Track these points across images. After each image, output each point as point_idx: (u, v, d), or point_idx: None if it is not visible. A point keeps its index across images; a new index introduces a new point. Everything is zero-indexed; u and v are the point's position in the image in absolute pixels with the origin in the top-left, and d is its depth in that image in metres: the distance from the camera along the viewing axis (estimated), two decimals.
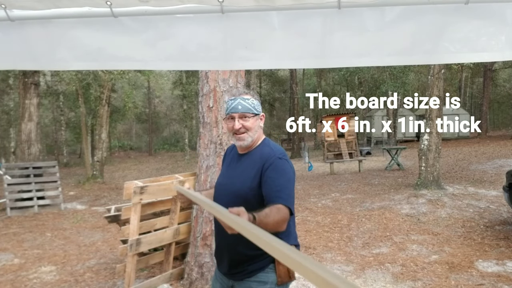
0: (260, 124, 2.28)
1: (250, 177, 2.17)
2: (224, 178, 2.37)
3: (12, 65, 2.18)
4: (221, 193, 2.28)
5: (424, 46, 1.88)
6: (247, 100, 2.18)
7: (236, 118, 2.16)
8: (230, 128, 2.21)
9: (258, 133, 2.26)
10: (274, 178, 2.11)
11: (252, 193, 2.13)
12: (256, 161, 2.19)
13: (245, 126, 2.18)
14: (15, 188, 10.52)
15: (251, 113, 2.18)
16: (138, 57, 2.03)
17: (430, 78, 10.81)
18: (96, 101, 17.67)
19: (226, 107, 2.21)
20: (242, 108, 2.15)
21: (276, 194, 2.07)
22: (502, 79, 39.02)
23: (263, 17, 1.90)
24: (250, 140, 2.21)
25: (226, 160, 2.47)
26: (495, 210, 8.12)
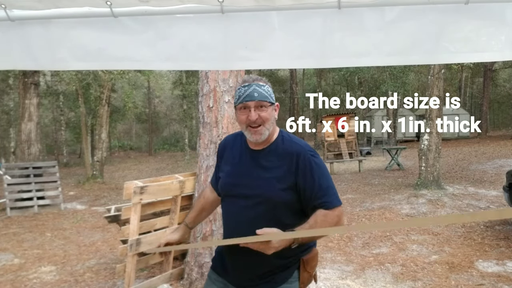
0: (275, 115, 1.98)
1: (277, 177, 1.86)
2: (236, 178, 1.99)
3: (12, 65, 2.18)
4: (237, 196, 1.94)
5: (424, 46, 1.88)
6: (263, 87, 1.88)
7: (251, 107, 1.85)
8: (244, 120, 1.88)
9: (274, 125, 1.96)
10: (315, 180, 1.85)
11: (280, 196, 1.84)
12: (283, 159, 1.90)
13: (262, 117, 1.85)
14: (15, 188, 10.52)
15: (268, 102, 1.88)
16: (138, 57, 2.03)
17: (430, 78, 10.81)
18: (96, 101, 17.65)
19: (238, 95, 1.88)
20: (258, 95, 1.84)
21: (323, 199, 1.83)
22: (502, 79, 39.02)
23: (263, 17, 1.90)
24: (267, 134, 1.90)
25: (227, 154, 2.10)
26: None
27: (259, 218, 1.81)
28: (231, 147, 2.10)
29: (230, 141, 2.15)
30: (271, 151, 1.95)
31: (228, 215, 2.01)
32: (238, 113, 1.91)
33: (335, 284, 4.80)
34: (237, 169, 2.00)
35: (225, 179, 2.04)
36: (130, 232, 4.30)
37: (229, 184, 2.01)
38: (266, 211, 1.84)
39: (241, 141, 2.06)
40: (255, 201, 1.86)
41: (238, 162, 2.01)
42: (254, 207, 1.84)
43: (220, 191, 2.08)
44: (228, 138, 2.20)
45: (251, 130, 1.88)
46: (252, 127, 1.87)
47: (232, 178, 2.01)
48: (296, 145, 1.94)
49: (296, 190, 1.85)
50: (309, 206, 1.85)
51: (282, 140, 1.97)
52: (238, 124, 1.94)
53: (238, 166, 2.00)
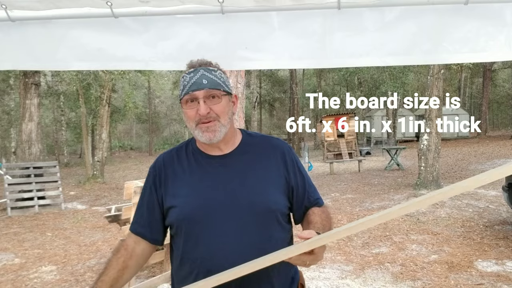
0: (233, 109, 1.56)
1: (266, 180, 1.52)
2: (205, 196, 1.48)
3: (12, 65, 2.19)
4: (212, 219, 1.44)
5: (423, 46, 1.89)
6: (213, 72, 1.48)
7: (200, 98, 1.43)
8: (192, 116, 1.46)
9: (232, 122, 1.56)
10: (304, 176, 1.62)
11: (276, 202, 1.51)
12: (265, 157, 1.56)
13: (214, 110, 1.45)
14: (15, 188, 10.54)
15: (221, 91, 1.47)
16: (139, 57, 2.03)
17: (429, 78, 10.82)
18: (97, 101, 17.68)
19: (182, 85, 1.48)
20: (208, 83, 1.44)
21: (315, 196, 1.62)
22: (501, 79, 39.04)
23: (263, 17, 1.91)
24: (224, 132, 1.48)
25: (172, 176, 1.56)
26: (494, 210, 8.13)
27: (251, 238, 1.43)
28: (173, 165, 1.59)
29: (168, 159, 1.62)
30: (245, 151, 1.58)
31: (201, 248, 1.45)
32: (185, 108, 1.48)
33: (334, 284, 4.80)
34: (201, 185, 1.50)
35: (188, 204, 1.48)
36: None
37: (197, 207, 1.47)
38: (258, 228, 1.46)
39: (189, 153, 1.60)
40: (242, 218, 1.45)
41: (199, 178, 1.52)
42: (242, 226, 1.44)
43: (181, 222, 1.49)
44: (163, 157, 1.64)
45: (201, 127, 1.46)
46: (202, 123, 1.46)
47: (199, 198, 1.48)
48: (272, 139, 1.66)
49: (287, 192, 1.56)
50: (300, 207, 1.59)
51: (251, 136, 1.64)
52: (186, 124, 1.52)
53: (200, 182, 1.51)
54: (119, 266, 1.54)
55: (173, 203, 1.52)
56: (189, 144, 1.64)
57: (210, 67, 1.51)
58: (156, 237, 1.60)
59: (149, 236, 1.59)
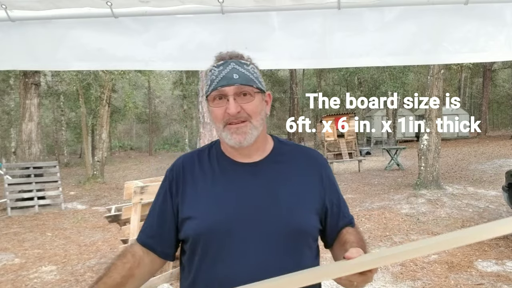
0: (267, 110, 1.37)
1: (301, 196, 1.32)
2: (229, 208, 1.28)
3: (12, 65, 2.19)
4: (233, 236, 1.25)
5: (423, 46, 1.89)
6: (245, 66, 1.30)
7: (230, 95, 1.25)
8: (220, 115, 1.27)
9: (264, 125, 1.35)
10: (339, 194, 1.44)
11: (310, 223, 1.32)
12: (300, 168, 1.37)
13: (246, 110, 1.26)
14: (15, 188, 10.54)
15: (255, 88, 1.29)
16: (139, 57, 2.03)
17: (429, 78, 10.82)
18: (97, 101, 17.69)
19: (209, 80, 1.29)
20: (240, 78, 1.25)
21: (349, 216, 1.44)
22: (501, 79, 39.04)
23: (263, 17, 1.91)
24: (255, 135, 1.29)
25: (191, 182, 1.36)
26: (494, 210, 8.13)
27: (277, 263, 1.23)
28: (194, 170, 1.38)
29: (188, 162, 1.41)
30: (276, 161, 1.37)
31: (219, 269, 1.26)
32: (211, 106, 1.29)
33: (335, 284, 4.80)
34: (225, 196, 1.30)
35: (208, 217, 1.28)
36: (130, 232, 4.31)
37: (218, 221, 1.26)
38: (286, 252, 1.26)
39: (213, 157, 1.39)
40: (269, 239, 1.25)
41: (223, 187, 1.32)
42: (268, 248, 1.25)
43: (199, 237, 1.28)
44: (182, 159, 1.44)
45: (230, 128, 1.27)
46: (232, 124, 1.27)
47: (220, 211, 1.28)
48: (308, 150, 1.47)
49: (321, 212, 1.35)
50: (334, 229, 1.40)
51: (283, 144, 1.45)
52: (213, 123, 1.34)
53: (224, 192, 1.31)
54: (125, 272, 1.32)
55: (190, 214, 1.31)
56: (213, 147, 1.43)
57: (242, 60, 1.32)
58: (166, 251, 1.40)
59: (158, 249, 1.39)
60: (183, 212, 1.33)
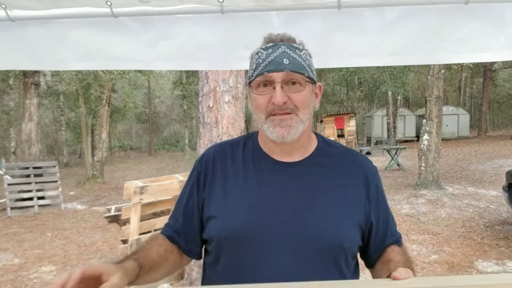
0: (315, 103, 1.22)
1: (343, 207, 1.17)
2: (260, 211, 1.14)
3: (12, 65, 2.18)
4: (279, 241, 1.10)
5: (424, 46, 1.89)
6: (297, 51, 1.15)
7: (277, 82, 1.09)
8: (262, 104, 1.12)
9: (311, 121, 1.20)
10: (388, 209, 1.29)
11: (351, 238, 1.17)
12: (345, 176, 1.21)
13: (293, 101, 1.12)
14: (15, 188, 10.53)
15: (306, 76, 1.13)
16: (138, 57, 2.03)
17: (430, 78, 10.82)
18: (96, 101, 17.68)
19: (255, 64, 1.15)
20: (290, 63, 1.10)
21: (396, 234, 1.30)
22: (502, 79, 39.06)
23: (263, 17, 1.90)
24: (301, 130, 1.14)
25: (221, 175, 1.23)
26: (495, 210, 8.13)
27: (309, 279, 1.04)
28: (225, 163, 1.24)
29: (220, 154, 1.27)
30: (319, 163, 1.22)
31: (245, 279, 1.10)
32: (254, 93, 1.14)
33: None
34: (257, 197, 1.16)
35: (236, 219, 1.15)
36: (130, 232, 4.31)
37: (247, 225, 1.13)
38: (321, 267, 1.11)
39: (247, 151, 1.26)
40: (302, 251, 1.10)
41: (256, 186, 1.18)
42: (301, 261, 1.09)
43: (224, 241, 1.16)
44: (214, 149, 1.30)
45: (274, 120, 1.12)
46: (276, 115, 1.12)
47: (251, 214, 1.14)
48: (356, 155, 1.30)
49: (363, 226, 1.21)
50: (379, 247, 1.26)
51: (329, 145, 1.29)
52: (254, 112, 1.17)
53: (256, 193, 1.17)
54: (161, 253, 1.20)
55: (216, 213, 1.18)
56: (249, 140, 1.28)
57: (294, 43, 1.17)
58: (191, 248, 1.27)
59: (183, 245, 1.27)
60: (209, 210, 1.21)
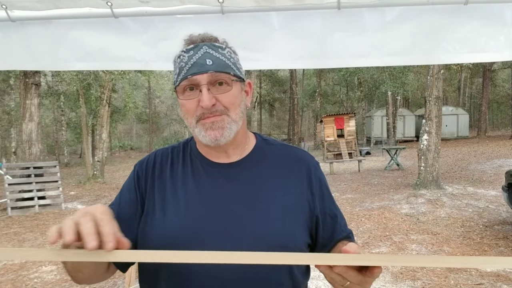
0: (247, 101, 1.18)
1: (289, 207, 1.11)
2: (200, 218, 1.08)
3: (12, 65, 2.19)
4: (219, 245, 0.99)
5: (423, 47, 1.89)
6: (220, 50, 1.11)
7: (203, 85, 1.05)
8: (191, 109, 1.08)
9: (244, 119, 1.17)
10: (333, 202, 1.24)
11: (296, 238, 1.10)
12: (285, 173, 1.17)
13: (222, 102, 1.07)
14: (16, 188, 10.54)
15: (232, 75, 1.10)
16: (139, 57, 2.03)
17: (429, 79, 10.82)
18: (97, 101, 17.71)
19: (178, 68, 1.10)
20: (214, 64, 1.06)
21: (346, 229, 1.24)
22: (501, 79, 39.12)
23: (263, 17, 1.91)
24: (234, 131, 1.10)
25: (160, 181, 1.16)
26: (494, 210, 8.13)
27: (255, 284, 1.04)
28: (165, 168, 1.19)
29: (162, 159, 1.22)
30: (258, 161, 1.18)
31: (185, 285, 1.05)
32: (181, 98, 1.09)
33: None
34: (196, 202, 1.11)
35: (174, 225, 1.08)
36: None
37: (186, 231, 1.07)
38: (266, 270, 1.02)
39: (186, 156, 1.21)
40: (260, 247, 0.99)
41: (194, 192, 1.13)
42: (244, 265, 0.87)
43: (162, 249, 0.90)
44: (155, 154, 1.25)
45: (205, 124, 1.07)
46: (207, 118, 1.07)
47: (189, 220, 1.08)
48: (296, 150, 1.26)
49: (310, 223, 1.15)
50: (328, 242, 1.20)
51: (267, 143, 1.25)
52: (184, 118, 1.14)
53: (195, 197, 1.11)
54: None
55: (153, 218, 1.11)
56: (188, 145, 1.24)
57: (216, 43, 1.13)
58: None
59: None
60: (146, 215, 1.13)
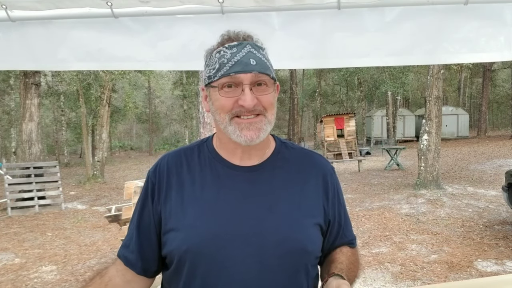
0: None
1: (307, 211, 1.13)
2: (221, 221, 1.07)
3: (13, 65, 2.18)
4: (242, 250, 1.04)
5: (423, 47, 1.89)
6: (261, 51, 1.09)
7: (246, 84, 1.04)
8: (227, 106, 1.06)
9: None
10: (343, 208, 1.26)
11: (314, 240, 1.13)
12: (304, 177, 1.17)
13: (262, 103, 1.06)
14: (16, 188, 10.55)
15: (271, 77, 1.09)
16: (139, 57, 2.03)
17: (429, 79, 10.82)
18: (97, 101, 17.71)
19: (217, 63, 1.07)
20: (257, 64, 1.05)
21: (350, 235, 1.28)
22: (501, 79, 39.11)
23: (263, 17, 1.91)
24: (269, 131, 1.11)
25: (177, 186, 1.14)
26: (494, 210, 8.13)
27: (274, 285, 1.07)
28: (181, 172, 1.16)
29: (174, 163, 1.19)
30: (277, 166, 1.17)
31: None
32: (220, 94, 1.06)
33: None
34: (217, 206, 1.09)
35: (196, 231, 1.07)
36: None
37: (208, 236, 1.06)
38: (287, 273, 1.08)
39: (203, 157, 1.18)
40: (268, 258, 1.05)
41: (214, 195, 1.11)
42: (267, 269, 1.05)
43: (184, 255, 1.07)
44: (167, 159, 1.21)
45: (241, 123, 1.05)
46: (243, 117, 1.05)
47: (211, 224, 1.07)
48: (314, 155, 1.25)
49: (324, 227, 1.18)
50: (328, 246, 1.23)
51: (286, 146, 1.24)
52: (215, 113, 1.10)
53: (216, 201, 1.10)
54: None
55: (174, 226, 1.10)
56: (204, 145, 1.21)
57: (257, 43, 1.11)
58: (149, 267, 1.19)
59: (139, 266, 1.19)
60: (166, 223, 1.12)
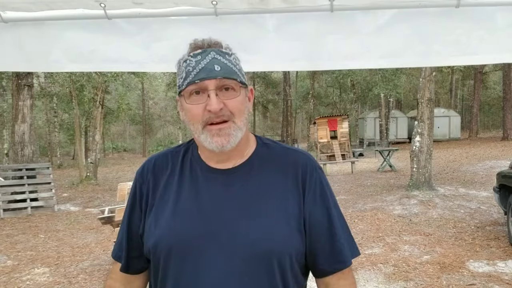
0: (249, 107, 1.17)
1: (282, 210, 1.10)
2: (198, 222, 1.09)
3: (5, 66, 2.18)
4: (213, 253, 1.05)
5: (415, 49, 1.90)
6: (227, 56, 1.11)
7: (211, 90, 1.05)
8: (197, 114, 1.07)
9: (247, 126, 1.16)
10: (333, 211, 1.17)
11: (292, 243, 1.09)
12: (282, 177, 1.15)
13: (229, 107, 1.07)
14: (8, 189, 10.47)
15: (238, 81, 1.10)
16: (132, 59, 2.03)
17: (421, 81, 10.88)
18: (90, 102, 17.59)
19: (184, 72, 1.11)
20: (222, 70, 1.07)
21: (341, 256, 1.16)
22: (492, 81, 39.44)
23: (256, 19, 1.91)
24: (239, 138, 1.10)
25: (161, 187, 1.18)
26: (485, 211, 8.19)
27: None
28: (166, 173, 1.20)
29: (161, 164, 1.23)
30: (256, 167, 1.16)
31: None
32: (188, 102, 1.09)
33: None
34: (191, 209, 1.11)
35: (168, 232, 1.10)
36: None
37: (180, 238, 1.08)
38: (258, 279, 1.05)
39: (186, 160, 1.21)
40: (238, 262, 1.04)
41: (190, 198, 1.13)
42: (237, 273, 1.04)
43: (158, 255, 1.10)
44: (155, 160, 1.25)
45: (212, 130, 1.07)
46: (213, 124, 1.07)
47: (184, 226, 1.09)
48: (293, 152, 1.22)
49: (300, 226, 1.12)
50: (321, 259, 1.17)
51: (267, 147, 1.22)
52: (189, 123, 1.12)
53: (191, 204, 1.12)
54: None
55: (152, 225, 1.13)
56: (190, 148, 1.24)
57: (222, 49, 1.13)
58: (139, 267, 1.25)
59: (129, 264, 1.24)
60: (147, 222, 1.16)
